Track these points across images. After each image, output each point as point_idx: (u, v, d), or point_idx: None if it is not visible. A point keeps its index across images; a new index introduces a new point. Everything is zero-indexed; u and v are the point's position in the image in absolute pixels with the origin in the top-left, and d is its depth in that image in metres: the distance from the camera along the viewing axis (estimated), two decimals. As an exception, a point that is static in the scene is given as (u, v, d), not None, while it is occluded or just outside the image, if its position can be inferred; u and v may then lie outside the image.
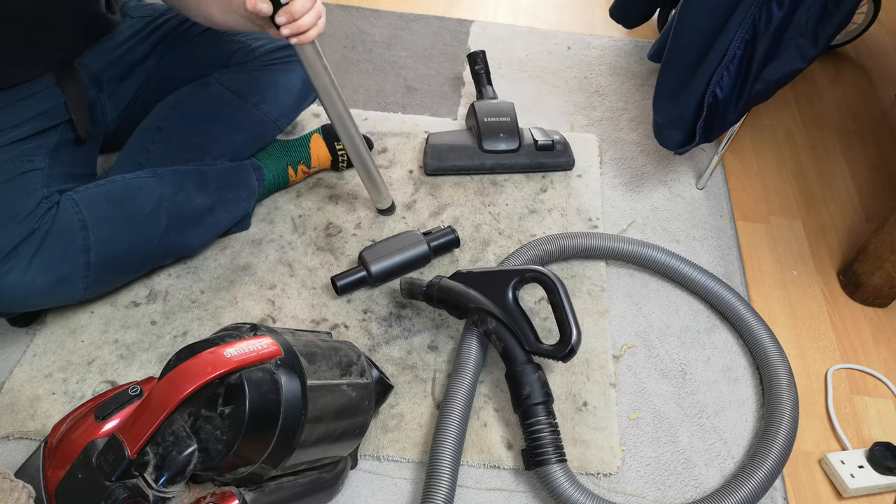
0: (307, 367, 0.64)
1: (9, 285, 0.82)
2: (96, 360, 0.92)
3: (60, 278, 0.86)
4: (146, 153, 1.02)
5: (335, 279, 1.00)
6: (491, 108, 1.25)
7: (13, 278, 0.82)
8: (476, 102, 1.27)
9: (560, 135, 1.25)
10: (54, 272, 0.85)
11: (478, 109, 1.24)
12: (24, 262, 0.83)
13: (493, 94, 1.32)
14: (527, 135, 1.23)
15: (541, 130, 1.25)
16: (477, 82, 1.34)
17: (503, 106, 1.26)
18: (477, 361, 0.90)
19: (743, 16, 0.95)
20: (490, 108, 1.25)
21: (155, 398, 0.58)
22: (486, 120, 1.22)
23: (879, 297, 1.06)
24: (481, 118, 1.23)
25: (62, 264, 0.86)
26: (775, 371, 0.91)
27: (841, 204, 1.24)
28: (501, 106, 1.26)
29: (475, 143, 1.22)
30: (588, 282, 1.06)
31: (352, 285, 1.00)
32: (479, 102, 1.27)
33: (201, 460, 0.59)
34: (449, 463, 0.79)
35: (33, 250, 0.84)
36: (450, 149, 1.21)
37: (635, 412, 0.92)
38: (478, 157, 1.21)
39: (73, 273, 0.88)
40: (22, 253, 0.83)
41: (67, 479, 0.61)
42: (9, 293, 0.83)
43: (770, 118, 1.40)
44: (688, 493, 0.85)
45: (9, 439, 0.84)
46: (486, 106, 1.26)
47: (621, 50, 1.55)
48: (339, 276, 1.00)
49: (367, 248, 1.03)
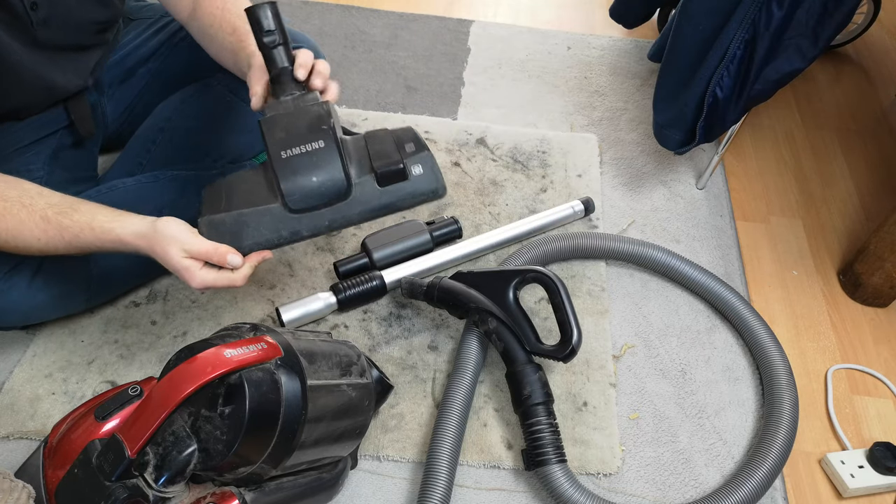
0: (307, 367, 0.64)
1: (11, 302, 0.82)
2: (96, 360, 0.92)
3: (62, 293, 0.86)
4: (147, 153, 1.02)
5: (338, 265, 1.01)
6: (289, 124, 0.73)
7: (15, 295, 0.82)
8: (265, 116, 0.74)
9: (416, 142, 0.78)
10: (56, 287, 0.85)
11: (267, 133, 0.72)
12: (27, 278, 0.83)
13: (298, 88, 0.75)
14: (359, 163, 0.76)
15: (382, 138, 0.78)
16: (269, 63, 0.74)
17: (311, 112, 0.73)
18: (477, 361, 0.90)
19: (743, 15, 0.95)
20: (289, 127, 0.72)
21: (155, 398, 0.58)
22: (286, 154, 0.71)
23: (879, 297, 1.06)
24: (275, 152, 0.72)
25: (64, 279, 0.86)
26: (775, 371, 0.91)
27: (841, 204, 1.24)
28: (309, 113, 0.73)
29: (274, 195, 0.73)
30: (588, 282, 1.06)
31: (354, 271, 1.01)
32: (269, 114, 0.73)
33: (201, 460, 0.59)
34: (446, 462, 0.79)
35: (35, 267, 0.83)
36: (232, 222, 0.73)
37: (635, 412, 0.92)
38: (282, 224, 0.73)
39: (74, 287, 0.88)
40: (24, 270, 0.83)
41: (67, 479, 0.61)
42: (11, 309, 0.83)
43: (770, 118, 1.40)
44: (688, 493, 0.85)
45: (9, 439, 0.84)
46: (282, 122, 0.73)
47: (621, 50, 1.55)
48: (342, 261, 1.02)
49: (371, 236, 1.04)
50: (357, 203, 0.75)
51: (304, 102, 0.73)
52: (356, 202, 0.75)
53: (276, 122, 0.72)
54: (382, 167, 0.76)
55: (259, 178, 0.75)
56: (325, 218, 0.74)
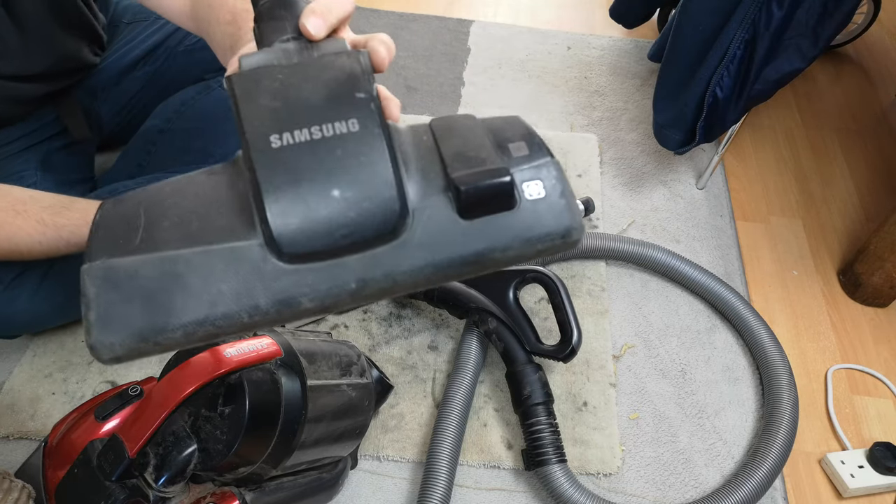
0: (307, 367, 0.64)
1: (16, 312, 0.82)
2: (96, 360, 0.92)
3: (66, 302, 0.86)
4: (147, 155, 1.02)
5: None
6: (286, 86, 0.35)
7: (20, 305, 0.82)
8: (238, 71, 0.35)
9: (529, 142, 0.37)
10: (60, 296, 0.85)
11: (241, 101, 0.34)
12: (31, 288, 0.82)
13: (293, 32, 0.39)
14: (422, 171, 0.36)
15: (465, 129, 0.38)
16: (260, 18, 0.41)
17: (333, 67, 0.36)
18: (477, 361, 0.90)
19: (743, 15, 0.95)
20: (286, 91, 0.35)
21: (155, 398, 0.58)
22: (277, 143, 0.33)
23: (879, 297, 1.06)
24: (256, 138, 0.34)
25: (67, 288, 0.85)
26: (775, 371, 0.91)
27: (841, 204, 1.24)
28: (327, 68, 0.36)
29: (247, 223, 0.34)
30: (588, 282, 1.06)
31: None
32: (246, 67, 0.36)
33: (201, 460, 0.59)
34: (446, 462, 0.79)
35: (41, 276, 0.83)
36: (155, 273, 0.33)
37: (635, 412, 0.92)
38: (262, 284, 0.33)
39: (78, 295, 0.87)
40: (27, 281, 0.82)
41: (67, 480, 0.61)
42: (16, 319, 0.83)
43: (770, 118, 1.40)
44: (688, 493, 0.85)
45: (9, 439, 0.84)
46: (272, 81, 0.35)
47: (621, 50, 1.55)
48: None
49: None
50: (416, 248, 0.35)
51: (317, 51, 0.38)
52: (414, 246, 0.35)
53: (259, 82, 0.35)
54: (468, 181, 0.35)
55: (218, 188, 0.37)
56: (350, 275, 0.34)
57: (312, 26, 0.38)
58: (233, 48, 0.59)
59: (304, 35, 0.39)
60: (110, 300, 0.34)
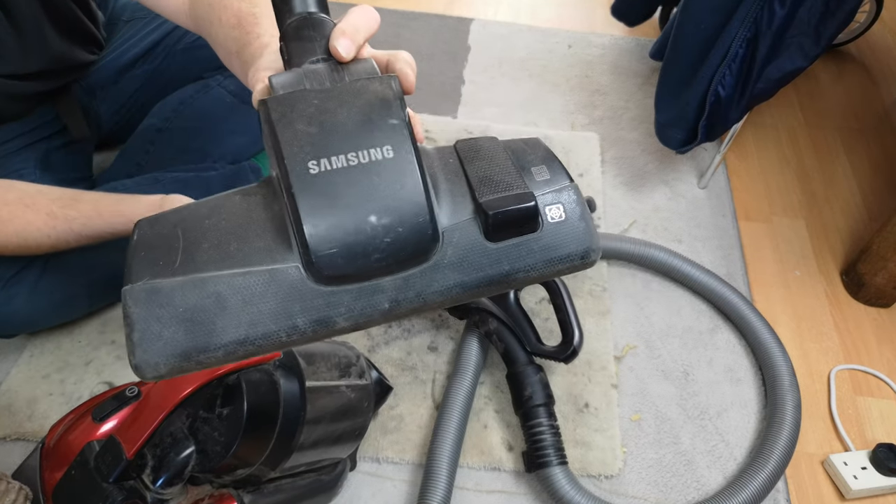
0: (306, 368, 0.64)
1: (13, 311, 0.82)
2: (94, 360, 0.91)
3: (64, 300, 0.86)
4: (146, 154, 1.01)
5: None
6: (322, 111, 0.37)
7: (17, 304, 0.82)
8: (272, 95, 0.37)
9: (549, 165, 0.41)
10: (58, 294, 0.85)
11: (278, 126, 0.36)
12: (28, 287, 0.82)
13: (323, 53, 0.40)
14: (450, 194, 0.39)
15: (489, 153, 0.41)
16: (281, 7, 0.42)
17: (366, 91, 0.38)
18: (477, 363, 0.89)
19: (745, 14, 0.94)
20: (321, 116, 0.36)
21: (153, 399, 0.58)
22: (316, 170, 0.35)
23: (882, 297, 1.05)
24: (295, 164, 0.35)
25: (66, 286, 0.85)
26: (778, 372, 0.91)
27: (843, 203, 1.23)
28: (361, 93, 0.38)
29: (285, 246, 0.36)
30: (589, 282, 1.05)
31: None
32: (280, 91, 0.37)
33: (199, 462, 0.58)
34: (446, 464, 0.78)
35: (37, 275, 0.82)
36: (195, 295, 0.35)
37: (637, 413, 0.91)
38: (300, 305, 0.36)
39: (76, 293, 0.87)
40: (25, 280, 0.82)
41: (65, 481, 0.61)
42: (14, 318, 0.82)
43: (772, 117, 1.39)
44: (690, 494, 0.84)
45: (6, 440, 0.84)
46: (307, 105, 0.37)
47: (623, 48, 1.55)
48: None
49: None
50: (446, 270, 0.38)
51: (349, 75, 0.39)
52: (445, 268, 0.38)
53: (294, 107, 0.37)
54: (496, 206, 0.38)
55: (253, 210, 0.38)
56: (383, 296, 0.37)
57: (343, 48, 0.39)
58: (239, 53, 0.58)
59: (335, 56, 0.40)
60: (153, 321, 0.35)
